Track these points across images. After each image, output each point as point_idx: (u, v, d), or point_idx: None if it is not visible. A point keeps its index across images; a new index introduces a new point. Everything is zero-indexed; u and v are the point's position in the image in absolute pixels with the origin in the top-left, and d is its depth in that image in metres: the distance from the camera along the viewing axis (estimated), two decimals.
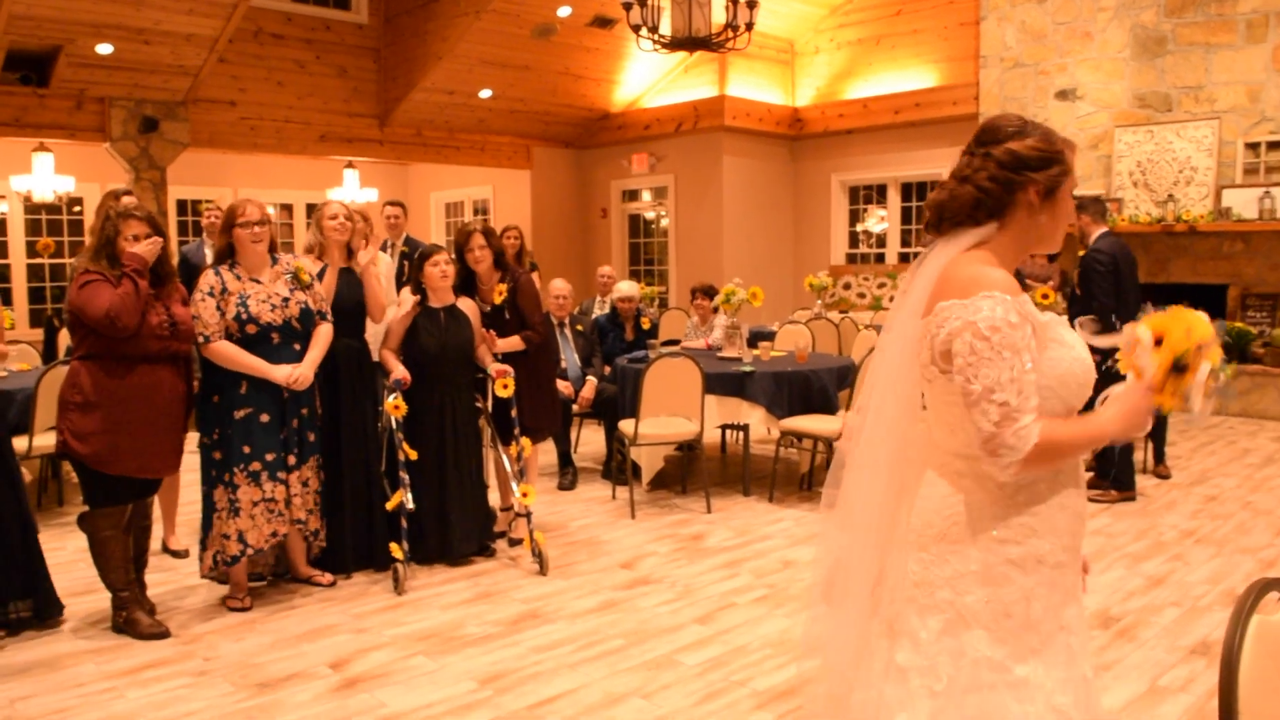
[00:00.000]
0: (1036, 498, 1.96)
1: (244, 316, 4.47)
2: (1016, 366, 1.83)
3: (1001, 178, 1.98)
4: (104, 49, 9.58)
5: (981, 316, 1.84)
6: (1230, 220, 9.86)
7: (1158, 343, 1.90)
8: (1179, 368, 1.88)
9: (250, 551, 4.54)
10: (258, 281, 4.58)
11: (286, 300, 4.60)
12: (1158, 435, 7.17)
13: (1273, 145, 9.90)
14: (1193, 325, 1.89)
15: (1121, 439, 1.97)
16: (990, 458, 1.86)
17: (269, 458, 4.52)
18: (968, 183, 2.00)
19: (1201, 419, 1.97)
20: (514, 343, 5.54)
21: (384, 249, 7.46)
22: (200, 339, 4.42)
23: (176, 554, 5.39)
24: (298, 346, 4.64)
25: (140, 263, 4.13)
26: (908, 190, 13.36)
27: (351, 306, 5.09)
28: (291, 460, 4.58)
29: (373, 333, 5.31)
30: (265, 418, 4.51)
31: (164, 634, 4.29)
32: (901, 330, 2.04)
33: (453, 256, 5.41)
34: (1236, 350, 9.56)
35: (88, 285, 4.08)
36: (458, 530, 5.22)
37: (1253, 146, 10.01)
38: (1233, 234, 10.02)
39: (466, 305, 5.42)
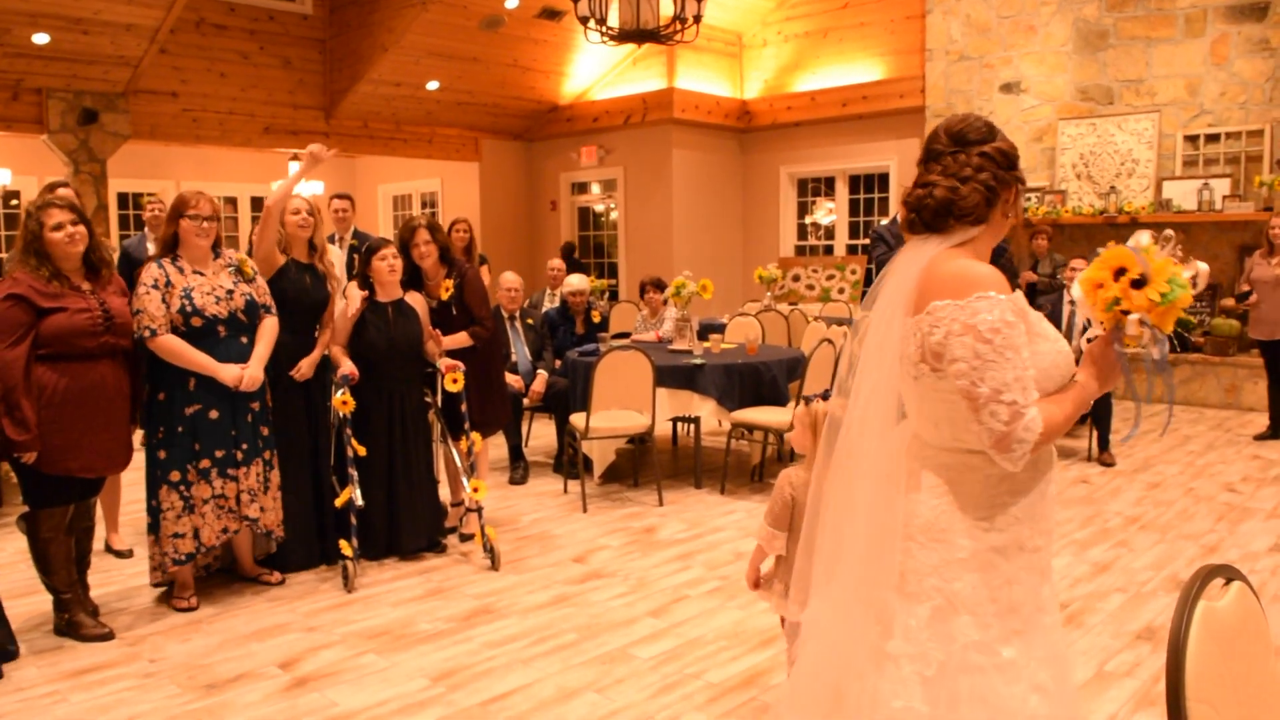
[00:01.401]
0: (1018, 487, 2.02)
1: (188, 309, 4.37)
2: (1018, 365, 1.88)
3: (1000, 177, 2.04)
4: (40, 39, 9.37)
5: (980, 319, 1.88)
6: (1170, 211, 10.05)
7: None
8: (1124, 308, 1.94)
9: (203, 550, 4.48)
10: (201, 274, 4.49)
11: (231, 292, 4.51)
12: (1102, 424, 7.28)
13: (1211, 138, 10.10)
14: (1122, 262, 1.94)
15: (1101, 391, 2.04)
16: (1002, 454, 1.90)
17: (218, 454, 4.44)
18: (971, 182, 2.03)
19: (1158, 345, 1.99)
20: (460, 339, 5.49)
21: (331, 242, 7.37)
22: (146, 333, 4.32)
23: (120, 554, 5.29)
24: (244, 339, 4.55)
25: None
26: (855, 182, 13.46)
27: (307, 303, 5.00)
28: (240, 456, 4.50)
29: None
30: (214, 414, 4.43)
31: (108, 636, 4.20)
32: (885, 327, 2.05)
33: (398, 252, 5.34)
34: (1177, 341, 9.73)
35: (2, 311, 3.96)
36: (407, 526, 5.18)
37: (1192, 139, 10.21)
38: (1173, 225, 10.20)
39: (415, 300, 5.36)
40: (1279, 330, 7.94)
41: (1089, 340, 2.09)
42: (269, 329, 4.67)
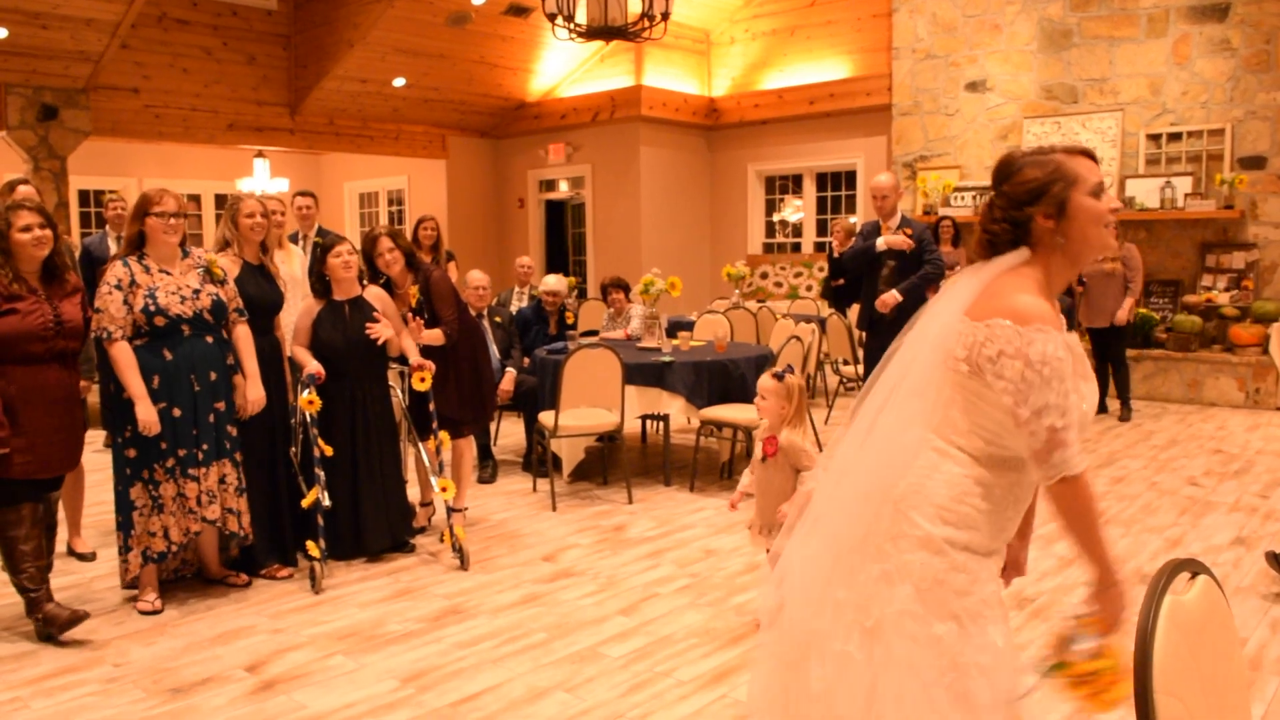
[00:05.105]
0: (990, 497, 2.14)
1: (152, 309, 4.31)
2: (1061, 393, 2.03)
3: (1009, 217, 2.18)
4: None
5: (1034, 349, 2.03)
6: (1134, 210, 10.14)
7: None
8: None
9: (174, 549, 4.42)
10: (167, 273, 4.43)
11: (198, 292, 4.45)
12: None
13: (1173, 136, 10.21)
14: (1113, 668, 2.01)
15: (1094, 576, 2.11)
16: (1038, 466, 2.06)
17: (181, 453, 4.38)
18: (990, 224, 2.22)
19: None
20: (435, 336, 5.42)
21: (295, 240, 7.31)
22: (104, 334, 4.25)
23: (83, 557, 5.21)
24: (210, 339, 4.50)
25: None
26: (823, 180, 13.51)
27: (265, 304, 4.95)
28: (200, 456, 4.44)
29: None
30: (177, 412, 4.37)
31: (84, 615, 4.12)
32: (944, 318, 2.19)
33: (361, 260, 5.29)
34: (1141, 337, 9.86)
35: None
36: (372, 525, 5.14)
37: (1154, 138, 10.32)
38: (1136, 223, 10.31)
39: (374, 295, 5.29)
40: (1105, 318, 8.85)
41: None
42: (245, 340, 4.64)
